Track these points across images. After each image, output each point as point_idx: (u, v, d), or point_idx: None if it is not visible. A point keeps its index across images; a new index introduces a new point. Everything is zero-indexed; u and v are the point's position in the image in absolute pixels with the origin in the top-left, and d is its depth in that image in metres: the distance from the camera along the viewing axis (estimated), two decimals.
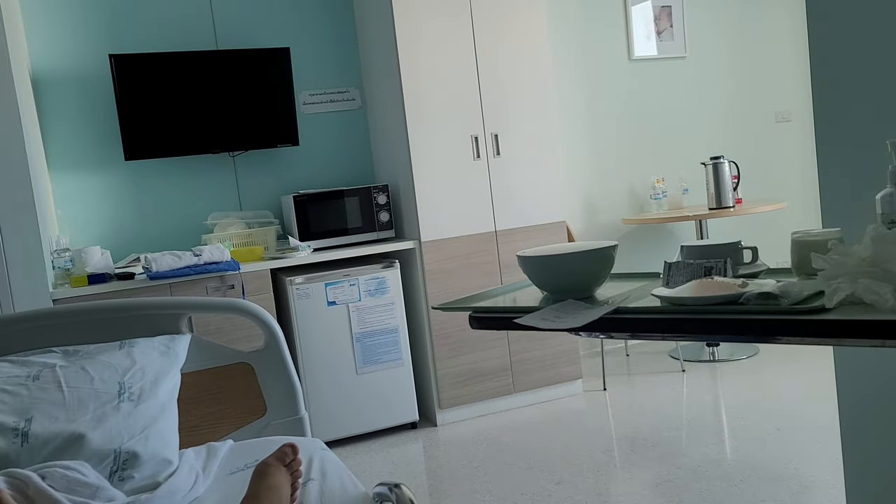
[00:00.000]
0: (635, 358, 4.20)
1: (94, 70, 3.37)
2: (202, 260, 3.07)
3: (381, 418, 3.34)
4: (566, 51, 4.23)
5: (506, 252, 3.50)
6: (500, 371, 3.49)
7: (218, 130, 3.47)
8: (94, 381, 1.56)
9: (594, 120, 4.32)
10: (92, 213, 3.41)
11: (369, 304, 3.32)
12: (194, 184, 3.56)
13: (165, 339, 1.75)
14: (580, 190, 4.29)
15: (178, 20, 3.50)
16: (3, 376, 1.55)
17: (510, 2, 3.47)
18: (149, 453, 1.48)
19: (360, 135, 3.84)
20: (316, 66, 3.75)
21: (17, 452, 1.39)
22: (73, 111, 3.37)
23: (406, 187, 3.44)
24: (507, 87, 3.48)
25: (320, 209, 3.41)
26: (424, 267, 3.37)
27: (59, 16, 3.33)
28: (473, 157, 3.44)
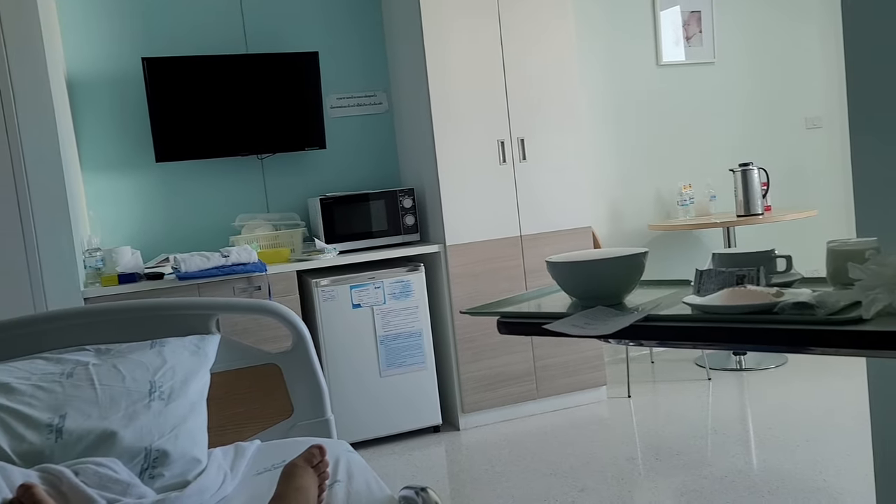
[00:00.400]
0: (660, 365, 4.16)
1: (127, 73, 3.43)
2: (230, 261, 3.10)
3: (404, 421, 3.35)
4: (594, 55, 4.22)
5: (531, 257, 3.49)
6: (523, 376, 3.48)
7: (247, 133, 3.51)
8: (125, 380, 1.58)
9: (621, 125, 4.30)
10: (123, 213, 3.46)
11: (394, 306, 3.33)
12: (223, 186, 3.60)
13: (195, 339, 1.77)
14: (606, 195, 4.27)
15: (210, 24, 3.55)
16: (38, 373, 1.58)
17: (538, 7, 3.46)
18: (178, 452, 1.50)
19: (386, 138, 3.86)
20: (344, 70, 3.77)
21: (51, 448, 1.42)
22: (106, 113, 3.42)
23: (432, 191, 3.45)
24: (534, 91, 3.48)
25: (346, 212, 3.43)
26: (449, 271, 3.37)
27: (94, 19, 3.39)
28: (499, 162, 3.44)
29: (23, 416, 1.45)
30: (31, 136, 2.81)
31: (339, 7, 3.76)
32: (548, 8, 3.48)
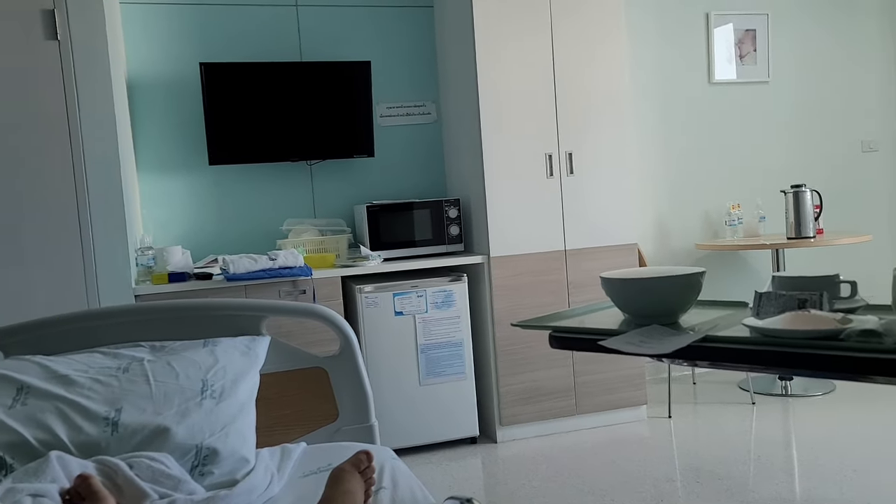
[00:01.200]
0: (702, 387, 4.09)
1: (185, 77, 3.51)
2: (277, 264, 3.14)
3: (441, 431, 3.35)
4: (645, 71, 4.19)
5: (574, 271, 3.47)
6: (563, 391, 3.45)
7: (297, 139, 3.56)
8: (179, 377, 1.61)
9: (670, 142, 4.26)
10: (175, 213, 3.54)
11: (436, 316, 3.34)
12: (272, 190, 3.66)
13: (246, 339, 1.80)
14: (653, 212, 4.23)
15: (266, 32, 3.62)
16: (96, 367, 1.62)
17: (591, 21, 3.46)
18: (228, 451, 1.52)
19: (433, 148, 3.89)
20: (394, 80, 3.81)
21: (107, 441, 1.45)
22: (163, 115, 3.51)
23: (477, 202, 3.46)
24: (583, 105, 3.46)
25: (392, 220, 3.45)
26: (492, 282, 3.37)
27: (156, 25, 3.49)
28: (546, 175, 3.43)
29: (81, 407, 1.49)
30: (91, 136, 2.90)
31: (393, 18, 3.80)
32: (601, 24, 3.47)
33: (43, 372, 1.58)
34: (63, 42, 2.85)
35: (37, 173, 2.84)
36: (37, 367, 1.59)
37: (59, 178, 2.86)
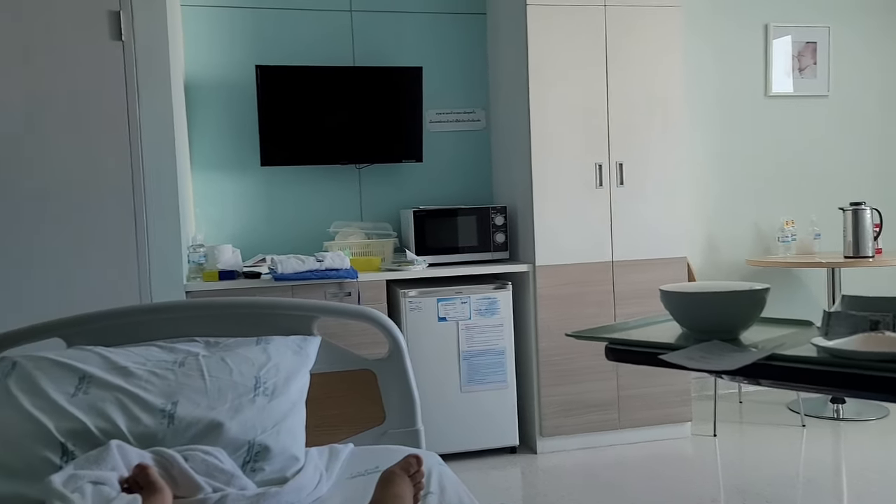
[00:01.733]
0: (749, 406, 3.99)
1: (241, 79, 3.58)
2: (324, 266, 3.17)
3: (481, 439, 3.33)
4: (701, 81, 4.13)
5: (621, 283, 3.42)
6: (606, 404, 3.41)
7: (347, 143, 3.60)
8: (233, 373, 1.63)
9: (723, 154, 4.19)
10: (226, 212, 3.60)
11: (479, 323, 3.33)
12: (320, 192, 3.70)
13: (298, 339, 1.82)
14: (702, 226, 4.16)
15: (321, 37, 3.67)
16: (153, 360, 1.66)
17: (646, 31, 3.42)
18: (279, 448, 1.53)
19: (481, 155, 3.88)
20: (445, 86, 3.82)
21: (164, 433, 1.48)
22: (218, 116, 3.58)
23: (524, 210, 3.44)
24: (636, 116, 3.43)
25: (438, 225, 3.46)
26: (537, 291, 3.35)
27: (214, 27, 3.56)
28: (596, 185, 3.40)
29: (140, 399, 1.52)
30: (150, 135, 2.97)
31: (445, 25, 3.82)
32: (657, 34, 3.43)
33: (103, 363, 1.61)
34: (127, 43, 2.93)
35: (97, 170, 2.92)
36: (98, 357, 1.63)
37: (118, 175, 2.94)
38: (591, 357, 3.35)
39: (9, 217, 2.85)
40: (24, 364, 1.60)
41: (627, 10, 3.40)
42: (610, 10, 3.38)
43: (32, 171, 2.86)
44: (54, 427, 1.44)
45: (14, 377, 1.57)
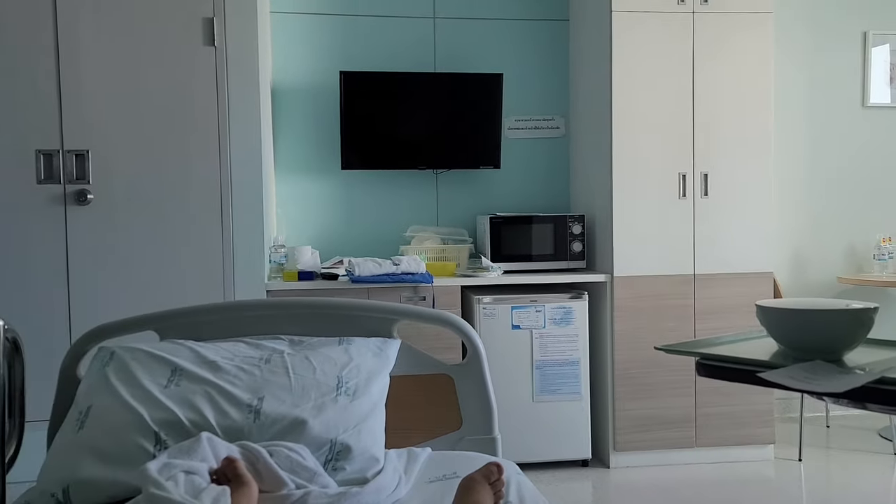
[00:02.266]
0: (836, 430, 3.80)
1: (325, 84, 3.65)
2: (400, 269, 3.20)
3: (552, 450, 3.28)
4: (792, 91, 3.97)
5: (703, 297, 3.32)
6: (682, 421, 3.31)
7: (426, 148, 3.63)
8: (316, 372, 1.66)
9: (815, 167, 4.01)
10: (307, 214, 3.68)
11: (553, 332, 3.29)
12: (398, 196, 3.74)
13: (379, 341, 1.83)
14: (790, 240, 3.99)
15: (404, 43, 3.71)
16: (241, 355, 1.70)
17: (736, 39, 3.32)
18: (360, 448, 1.55)
19: (560, 163, 3.85)
20: (524, 93, 3.80)
21: (249, 427, 1.51)
22: (302, 120, 3.67)
23: (603, 219, 3.38)
24: (723, 125, 3.32)
25: (514, 233, 3.44)
26: (614, 302, 3.28)
27: (301, 34, 3.65)
28: (679, 196, 3.31)
29: (228, 393, 1.56)
30: (237, 137, 3.06)
31: (527, 31, 3.80)
32: (748, 42, 3.32)
33: (194, 356, 1.67)
34: (219, 48, 3.04)
35: (187, 169, 3.03)
36: (188, 351, 1.69)
37: (207, 175, 3.05)
38: (668, 372, 3.26)
39: (105, 214, 2.99)
40: (122, 354, 1.67)
41: (717, 17, 3.30)
42: (699, 17, 3.30)
43: (128, 168, 3.00)
44: (149, 416, 1.50)
45: (112, 366, 1.65)
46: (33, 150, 2.94)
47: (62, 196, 2.97)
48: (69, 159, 2.96)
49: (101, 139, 2.97)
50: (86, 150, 2.97)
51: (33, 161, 2.94)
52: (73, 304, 2.98)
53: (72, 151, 2.96)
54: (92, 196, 2.97)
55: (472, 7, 3.75)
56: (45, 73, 2.93)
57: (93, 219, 2.98)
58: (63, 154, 2.96)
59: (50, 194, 2.96)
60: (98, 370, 1.66)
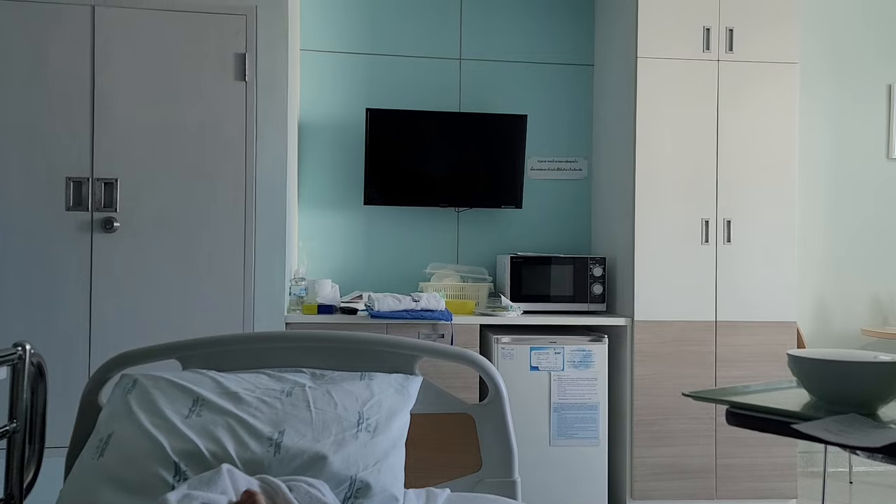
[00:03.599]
0: (860, 487, 3.70)
1: (351, 120, 3.70)
2: (419, 306, 3.19)
3: (568, 496, 3.22)
4: (816, 140, 3.98)
5: (724, 345, 3.28)
6: (702, 471, 3.24)
7: (448, 186, 3.65)
8: (337, 407, 1.64)
9: (839, 217, 3.99)
10: (328, 248, 3.70)
11: (572, 375, 3.25)
12: (419, 233, 3.75)
13: (401, 377, 1.82)
14: (814, 290, 3.95)
15: (430, 83, 3.77)
16: (262, 387, 1.69)
17: (761, 87, 3.33)
18: (379, 486, 1.52)
19: (582, 205, 3.85)
20: (548, 135, 3.83)
21: (269, 461, 1.50)
22: (327, 155, 3.71)
23: (624, 263, 3.37)
24: (746, 172, 3.32)
25: (535, 273, 3.43)
26: (634, 347, 3.25)
27: (330, 72, 3.72)
28: (701, 241, 3.30)
29: (248, 425, 1.55)
30: (264, 170, 3.10)
31: (552, 74, 3.85)
32: (772, 89, 3.34)
33: (216, 387, 1.66)
34: (250, 83, 3.10)
35: (213, 200, 3.07)
36: (211, 381, 1.68)
37: (232, 207, 3.08)
38: (688, 420, 3.21)
39: (130, 242, 3.02)
40: (144, 382, 1.67)
41: (742, 66, 3.33)
42: (723, 65, 3.32)
43: (155, 198, 3.04)
44: (169, 446, 1.49)
45: (134, 394, 1.64)
46: (64, 178, 2.99)
47: (89, 223, 3.01)
48: (98, 187, 3.01)
49: (130, 168, 3.02)
50: (115, 179, 3.02)
51: (63, 188, 2.99)
52: (94, 330, 2.99)
53: (101, 180, 3.01)
54: (118, 224, 3.00)
55: (498, 50, 3.81)
56: (80, 103, 3.00)
57: (118, 246, 3.01)
58: (93, 182, 3.01)
59: (78, 221, 3.00)
60: (120, 397, 1.65)
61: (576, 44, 3.85)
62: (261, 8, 3.08)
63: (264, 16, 3.09)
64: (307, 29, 3.68)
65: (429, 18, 3.76)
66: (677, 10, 3.29)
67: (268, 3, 3.09)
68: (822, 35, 4.01)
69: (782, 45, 3.34)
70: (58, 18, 2.99)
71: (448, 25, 3.77)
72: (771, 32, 3.33)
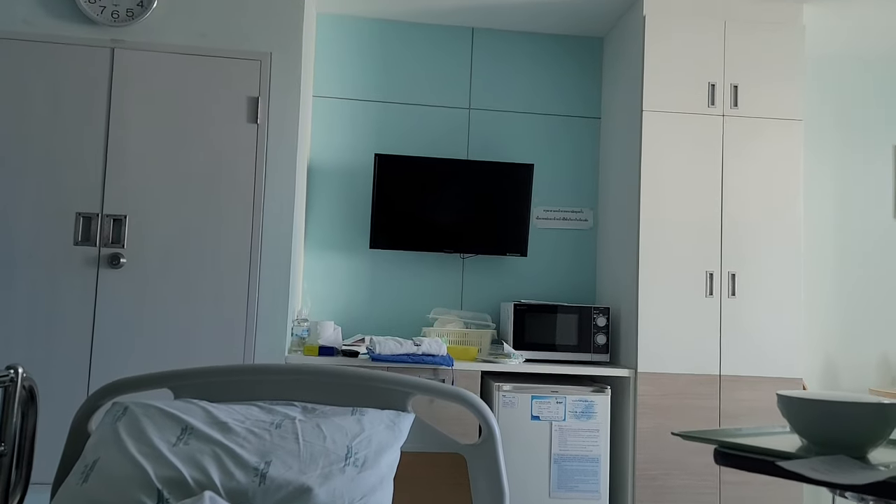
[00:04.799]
0: None
1: (359, 165, 3.76)
2: (421, 350, 3.18)
3: None
4: (822, 196, 3.99)
5: (728, 400, 3.23)
6: None
7: (454, 232, 3.68)
8: (326, 440, 1.63)
9: (845, 275, 3.97)
10: (332, 290, 3.71)
11: (573, 426, 3.20)
12: (423, 278, 3.76)
13: (392, 414, 1.80)
14: (821, 348, 3.90)
15: (438, 130, 3.84)
16: (252, 419, 1.68)
17: (765, 143, 3.37)
18: None
19: (586, 254, 3.86)
20: (555, 184, 3.87)
21: (254, 491, 1.48)
22: (335, 198, 3.76)
23: (628, 314, 3.35)
24: (751, 226, 3.33)
25: (538, 321, 3.42)
26: (636, 399, 3.21)
27: (341, 117, 3.80)
28: (706, 294, 3.28)
29: (235, 455, 1.54)
30: (272, 211, 3.15)
31: (559, 126, 3.91)
32: (776, 145, 3.37)
33: (206, 416, 1.65)
34: (261, 126, 3.17)
35: (219, 239, 3.11)
36: (201, 410, 1.68)
37: (238, 246, 3.11)
38: (691, 476, 3.14)
39: (136, 278, 3.05)
40: (135, 410, 1.67)
41: (746, 121, 3.37)
42: (728, 119, 3.37)
43: (162, 235, 3.08)
44: (153, 473, 1.48)
45: (124, 421, 1.64)
46: (74, 213, 3.05)
47: (97, 258, 3.05)
48: (107, 223, 3.06)
49: (139, 205, 3.08)
50: (124, 216, 3.07)
51: (73, 223, 3.04)
52: (94, 363, 3.00)
53: (110, 216, 3.06)
54: (125, 260, 3.04)
55: (507, 101, 3.89)
56: (95, 141, 3.07)
57: (123, 282, 3.04)
58: (102, 218, 3.06)
59: (85, 256, 3.04)
60: (109, 424, 1.65)
61: (583, 96, 3.93)
62: (276, 54, 3.18)
63: (279, 61, 3.18)
64: (320, 75, 3.78)
65: (440, 68, 3.86)
66: (682, 66, 3.35)
67: (283, 50, 3.19)
68: (827, 93, 4.06)
69: (787, 102, 3.39)
70: (78, 59, 3.09)
71: (458, 75, 3.86)
72: (775, 89, 3.39)
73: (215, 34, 3.16)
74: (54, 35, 3.09)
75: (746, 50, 3.38)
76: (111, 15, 3.11)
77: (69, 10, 3.09)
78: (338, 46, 3.80)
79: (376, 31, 3.83)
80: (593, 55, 3.95)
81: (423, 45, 3.85)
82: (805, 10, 3.47)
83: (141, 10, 3.12)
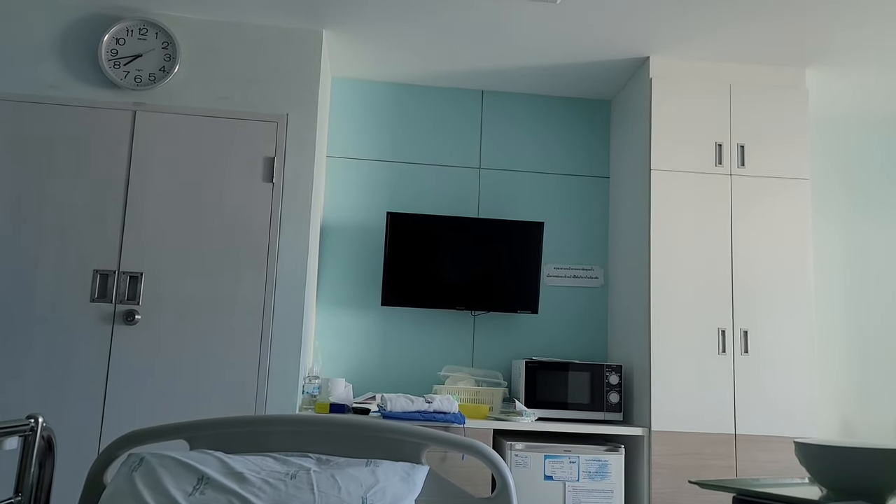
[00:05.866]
0: None
1: (372, 223, 3.83)
2: (432, 408, 3.17)
3: None
4: (832, 254, 4.01)
5: (744, 460, 3.18)
6: None
7: (465, 289, 3.70)
8: (340, 491, 1.62)
9: (862, 330, 3.95)
10: (343, 347, 3.72)
11: (587, 486, 3.15)
12: (434, 335, 3.77)
13: (406, 466, 1.79)
14: (838, 407, 3.85)
15: (449, 189, 3.91)
16: (267, 469, 1.68)
17: (773, 201, 3.42)
18: None
19: (598, 312, 3.87)
20: (565, 242, 3.92)
21: None
22: (347, 256, 3.81)
23: (641, 372, 3.34)
24: (762, 284, 3.34)
25: (550, 379, 3.40)
26: (651, 458, 3.16)
27: (354, 177, 3.89)
28: (718, 352, 3.27)
29: None
30: (285, 268, 3.19)
31: (569, 185, 3.98)
32: (784, 204, 3.42)
33: (221, 466, 1.65)
34: (276, 184, 3.24)
35: (233, 296, 3.14)
36: (217, 461, 1.68)
37: (252, 304, 3.14)
38: None
39: (150, 334, 3.08)
40: (151, 460, 1.67)
41: (754, 180, 3.43)
42: (736, 178, 3.42)
43: (177, 292, 3.12)
44: None
45: (140, 472, 1.64)
46: (91, 270, 3.10)
47: (112, 315, 3.08)
48: (123, 280, 3.10)
49: (156, 263, 3.13)
50: (140, 273, 3.11)
51: (90, 280, 3.09)
52: (107, 418, 3.00)
53: (127, 273, 3.11)
54: (140, 317, 3.07)
55: (517, 160, 3.97)
56: (114, 200, 3.15)
57: (137, 338, 3.07)
58: (118, 275, 3.10)
59: (101, 312, 3.08)
60: (126, 475, 1.65)
61: (592, 156, 4.01)
62: (291, 115, 3.28)
63: (294, 123, 3.28)
64: (334, 136, 3.88)
65: (451, 129, 3.96)
66: (690, 126, 3.44)
67: (298, 111, 3.29)
68: (833, 154, 4.13)
69: (793, 162, 3.45)
70: (101, 121, 3.20)
71: (469, 136, 3.96)
72: (782, 149, 3.45)
73: (234, 97, 3.27)
74: (79, 99, 3.21)
75: (752, 111, 3.47)
76: (134, 79, 3.23)
77: (94, 75, 3.22)
78: (351, 108, 3.92)
79: (389, 94, 3.95)
80: (602, 116, 4.05)
81: (435, 106, 3.97)
82: (808, 74, 3.57)
83: (163, 75, 3.25)
